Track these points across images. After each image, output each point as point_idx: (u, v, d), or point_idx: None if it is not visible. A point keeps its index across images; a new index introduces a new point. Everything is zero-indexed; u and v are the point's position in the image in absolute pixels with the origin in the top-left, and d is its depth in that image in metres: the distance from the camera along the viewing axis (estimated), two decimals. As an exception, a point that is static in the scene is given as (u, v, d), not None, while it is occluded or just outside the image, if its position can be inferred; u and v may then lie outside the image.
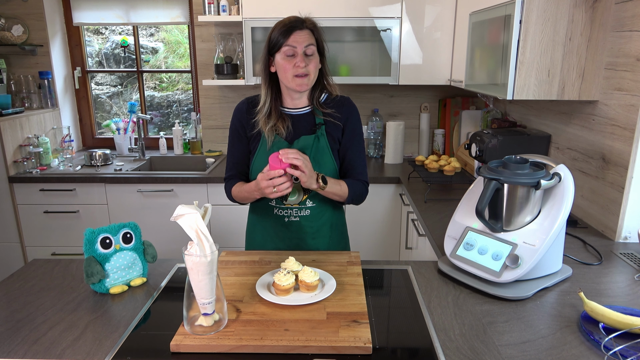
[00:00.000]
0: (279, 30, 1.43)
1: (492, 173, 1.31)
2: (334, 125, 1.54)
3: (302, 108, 1.55)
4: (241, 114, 1.57)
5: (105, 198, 2.78)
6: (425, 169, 2.56)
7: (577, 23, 1.70)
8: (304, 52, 1.43)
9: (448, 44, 2.73)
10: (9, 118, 2.73)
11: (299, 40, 1.42)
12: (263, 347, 1.01)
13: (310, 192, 1.53)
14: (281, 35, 1.42)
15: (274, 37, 1.44)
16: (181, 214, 1.04)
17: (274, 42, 1.44)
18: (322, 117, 1.53)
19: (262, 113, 1.51)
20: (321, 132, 1.53)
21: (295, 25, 1.43)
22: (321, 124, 1.53)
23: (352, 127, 1.56)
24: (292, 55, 1.43)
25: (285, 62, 1.43)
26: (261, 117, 1.51)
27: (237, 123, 1.58)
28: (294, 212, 1.56)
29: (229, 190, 1.60)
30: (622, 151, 1.64)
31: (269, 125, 1.50)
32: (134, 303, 1.24)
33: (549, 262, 1.32)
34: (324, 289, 1.22)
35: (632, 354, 0.98)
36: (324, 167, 1.53)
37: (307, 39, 1.43)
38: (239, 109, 1.58)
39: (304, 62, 1.42)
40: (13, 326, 1.12)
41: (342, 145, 1.57)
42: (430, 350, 1.03)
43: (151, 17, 3.20)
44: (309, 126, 1.54)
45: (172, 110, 3.57)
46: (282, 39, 1.42)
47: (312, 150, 1.51)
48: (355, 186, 1.56)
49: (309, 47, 1.43)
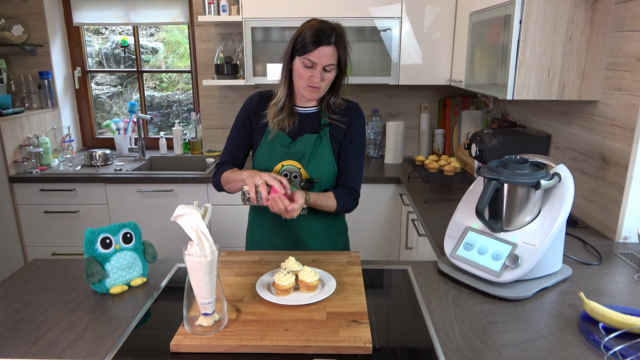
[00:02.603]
0: (307, 37, 1.40)
1: (492, 173, 1.31)
2: (337, 127, 1.54)
3: (311, 107, 1.56)
4: (251, 104, 1.58)
5: (105, 198, 2.79)
6: (425, 169, 2.56)
7: (577, 23, 1.70)
8: (324, 68, 1.42)
9: (448, 44, 2.73)
10: (9, 118, 2.73)
11: (322, 57, 1.40)
12: (263, 347, 1.01)
13: (309, 190, 1.53)
14: (306, 44, 1.39)
15: (299, 42, 1.41)
16: (181, 214, 1.04)
17: (299, 47, 1.41)
18: (328, 120, 1.54)
19: (276, 107, 1.51)
20: (325, 132, 1.53)
21: (323, 39, 1.39)
22: (326, 125, 1.53)
23: (354, 131, 1.56)
24: (311, 67, 1.42)
25: (303, 71, 1.43)
26: (272, 110, 1.52)
27: (244, 112, 1.59)
28: None
29: (219, 174, 1.56)
30: (622, 151, 1.64)
31: (277, 119, 1.51)
32: (134, 303, 1.24)
33: (549, 262, 1.32)
34: (324, 289, 1.22)
35: (632, 354, 0.98)
36: (324, 167, 1.53)
37: (329, 58, 1.41)
38: (251, 100, 1.59)
39: (319, 78, 1.42)
40: (13, 326, 1.12)
41: (341, 148, 1.56)
42: (430, 350, 1.03)
43: (151, 17, 3.20)
44: (314, 125, 1.55)
45: (172, 110, 3.57)
46: (306, 49, 1.39)
47: (313, 149, 1.51)
48: (344, 200, 1.54)
49: (329, 65, 1.42)
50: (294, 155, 1.51)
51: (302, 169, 1.51)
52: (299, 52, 1.42)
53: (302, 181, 1.52)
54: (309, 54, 1.39)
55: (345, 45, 1.46)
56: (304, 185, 1.53)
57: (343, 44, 1.45)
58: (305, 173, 1.51)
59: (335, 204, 1.51)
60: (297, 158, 1.51)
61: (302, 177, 1.52)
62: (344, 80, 1.53)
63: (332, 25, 1.43)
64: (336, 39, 1.41)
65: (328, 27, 1.41)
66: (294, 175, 1.51)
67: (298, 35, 1.43)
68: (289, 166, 1.52)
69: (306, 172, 1.51)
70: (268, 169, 1.53)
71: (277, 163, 1.52)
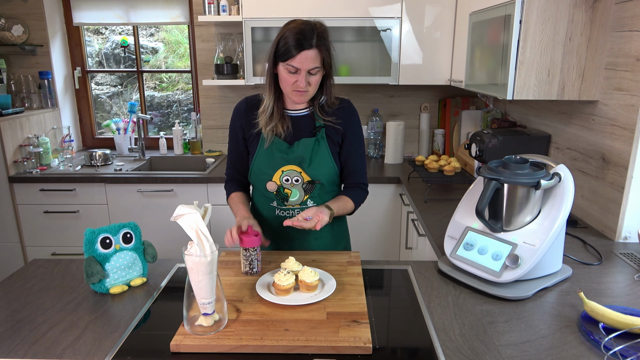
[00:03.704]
0: (288, 41, 1.35)
1: (492, 173, 1.31)
2: (333, 128, 1.53)
3: (302, 110, 1.54)
4: (239, 114, 1.56)
5: (105, 198, 2.78)
6: (425, 169, 2.56)
7: (577, 23, 1.70)
8: (308, 71, 1.38)
9: (448, 44, 2.73)
10: (9, 118, 2.73)
11: (304, 62, 1.36)
12: (263, 347, 1.01)
13: (311, 193, 1.53)
14: (288, 49, 1.34)
15: (281, 47, 1.36)
16: (181, 214, 1.04)
17: (281, 52, 1.36)
18: (322, 121, 1.53)
19: (265, 114, 1.49)
20: (321, 135, 1.52)
21: (304, 43, 1.34)
22: (321, 127, 1.52)
23: (352, 131, 1.55)
24: (295, 72, 1.38)
25: (287, 76, 1.39)
26: (263, 117, 1.49)
27: (236, 123, 1.57)
28: (295, 212, 1.56)
29: (228, 194, 1.63)
30: (622, 151, 1.64)
31: (269, 126, 1.50)
32: (134, 303, 1.24)
33: (549, 262, 1.32)
34: (324, 289, 1.22)
35: (632, 354, 0.98)
36: (324, 169, 1.52)
37: (312, 62, 1.36)
38: (238, 109, 1.57)
39: (304, 83, 1.38)
40: (13, 326, 1.12)
41: (343, 150, 1.56)
42: (430, 350, 1.03)
43: (151, 17, 3.20)
44: (308, 128, 1.53)
45: (172, 110, 3.57)
46: (288, 54, 1.35)
47: (312, 153, 1.51)
48: (359, 198, 1.60)
49: (313, 69, 1.38)
50: (293, 160, 1.50)
51: (303, 172, 1.51)
52: (281, 57, 1.37)
53: (304, 183, 1.52)
54: (292, 59, 1.35)
55: (327, 46, 1.40)
56: (306, 187, 1.52)
57: (325, 45, 1.39)
58: (307, 176, 1.51)
59: (354, 205, 1.57)
60: (296, 163, 1.50)
61: (304, 180, 1.52)
62: (331, 80, 1.49)
63: (312, 26, 1.37)
64: (317, 40, 1.36)
65: (308, 29, 1.35)
66: (295, 179, 1.51)
67: (279, 39, 1.37)
68: (289, 171, 1.51)
69: (307, 175, 1.51)
70: (268, 176, 1.51)
71: (276, 169, 1.51)
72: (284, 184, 1.51)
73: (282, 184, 1.51)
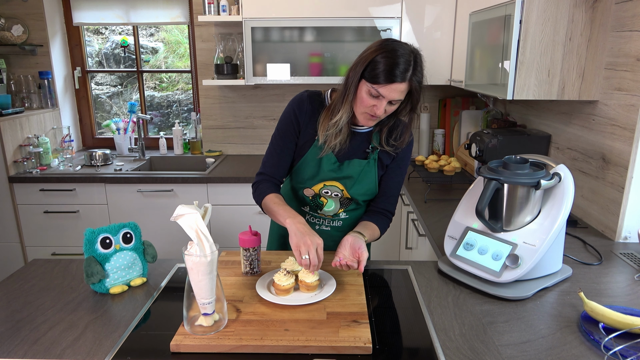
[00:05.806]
0: (380, 67, 1.24)
1: (492, 173, 1.31)
2: (387, 153, 1.46)
3: (363, 127, 1.45)
4: (301, 110, 1.42)
5: (105, 198, 2.78)
6: (425, 169, 2.56)
7: (577, 23, 1.70)
8: (389, 101, 1.29)
9: (448, 44, 2.73)
10: (9, 118, 2.73)
11: (392, 93, 1.26)
12: (263, 347, 1.01)
13: (347, 207, 1.51)
14: (379, 75, 1.24)
15: (370, 68, 1.25)
16: (181, 214, 1.04)
17: (369, 73, 1.26)
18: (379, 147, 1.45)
19: (335, 128, 1.37)
20: (374, 157, 1.45)
21: (397, 74, 1.23)
22: (375, 149, 1.45)
23: (402, 157, 1.49)
24: (377, 97, 1.28)
25: (366, 97, 1.29)
26: (329, 129, 1.38)
27: (293, 118, 1.43)
28: (326, 222, 1.54)
29: (260, 197, 1.45)
30: (622, 151, 1.64)
31: (334, 142, 1.38)
32: (134, 303, 1.24)
33: (549, 262, 1.32)
34: (324, 289, 1.22)
35: (632, 354, 0.98)
36: (366, 190, 1.47)
37: (399, 95, 1.27)
38: (300, 104, 1.42)
39: (382, 111, 1.29)
40: (13, 326, 1.12)
41: (385, 172, 1.50)
42: (430, 350, 1.03)
43: (151, 17, 3.20)
44: (363, 147, 1.45)
45: (172, 110, 3.57)
46: (377, 79, 1.24)
47: (360, 174, 1.45)
48: (384, 226, 1.51)
49: (397, 100, 1.29)
50: (340, 178, 1.45)
51: (345, 190, 1.46)
52: (367, 77, 1.26)
53: (342, 197, 1.49)
54: (379, 86, 1.25)
55: (420, 80, 1.29)
56: (343, 201, 1.49)
57: (418, 80, 1.28)
58: (347, 194, 1.47)
59: (379, 233, 1.49)
60: (342, 181, 1.45)
61: (343, 195, 1.48)
62: (414, 119, 1.39)
63: (408, 58, 1.25)
64: (412, 74, 1.26)
65: (404, 60, 1.24)
66: (335, 194, 1.47)
67: (371, 60, 1.26)
68: (332, 186, 1.46)
69: (348, 194, 1.47)
70: (308, 185, 1.46)
71: (319, 182, 1.45)
72: (322, 194, 1.48)
73: (320, 193, 1.48)
